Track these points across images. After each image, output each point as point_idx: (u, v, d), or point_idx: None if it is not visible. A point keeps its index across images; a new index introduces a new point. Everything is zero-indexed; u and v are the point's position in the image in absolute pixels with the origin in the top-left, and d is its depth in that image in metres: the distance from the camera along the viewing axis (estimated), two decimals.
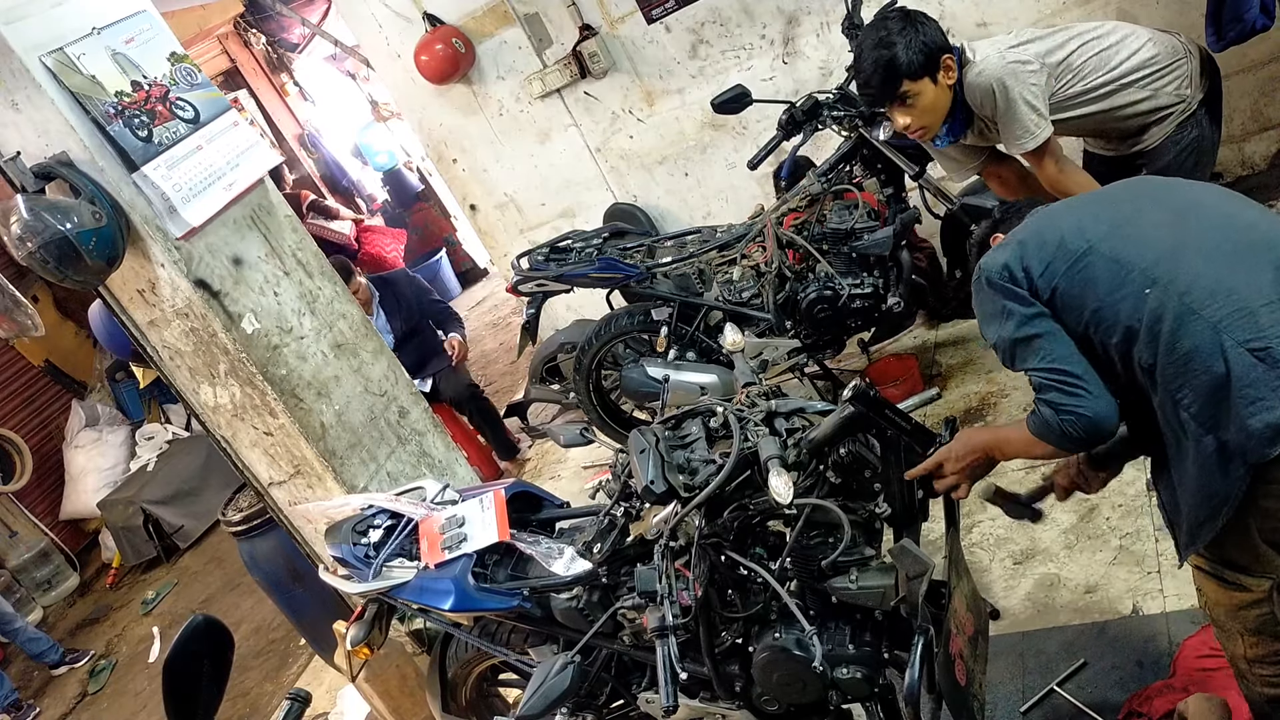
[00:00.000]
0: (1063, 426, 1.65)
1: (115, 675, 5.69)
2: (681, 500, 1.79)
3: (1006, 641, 2.61)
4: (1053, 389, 1.65)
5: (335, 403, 3.11)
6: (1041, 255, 1.70)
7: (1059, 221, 1.76)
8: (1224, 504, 1.57)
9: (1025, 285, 1.70)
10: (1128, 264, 1.63)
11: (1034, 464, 3.12)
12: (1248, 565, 1.66)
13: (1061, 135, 2.80)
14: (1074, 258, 1.67)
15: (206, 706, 1.87)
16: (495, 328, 7.65)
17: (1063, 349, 1.66)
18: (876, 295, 3.54)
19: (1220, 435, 1.54)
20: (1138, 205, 1.77)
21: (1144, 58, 2.66)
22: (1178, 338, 1.55)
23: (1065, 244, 1.69)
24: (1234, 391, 1.51)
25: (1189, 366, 1.55)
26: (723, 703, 2.12)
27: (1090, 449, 1.73)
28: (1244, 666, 1.82)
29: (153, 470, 7.05)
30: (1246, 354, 1.51)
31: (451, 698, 2.68)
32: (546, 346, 4.77)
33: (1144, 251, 1.63)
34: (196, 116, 2.84)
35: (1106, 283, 1.63)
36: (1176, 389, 1.57)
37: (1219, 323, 1.53)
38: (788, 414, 1.93)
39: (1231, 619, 1.76)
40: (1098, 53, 2.68)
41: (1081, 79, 2.68)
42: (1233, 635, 1.79)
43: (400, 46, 5.03)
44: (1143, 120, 2.72)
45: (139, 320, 2.91)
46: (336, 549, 2.46)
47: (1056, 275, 1.67)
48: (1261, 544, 1.61)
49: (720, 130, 4.72)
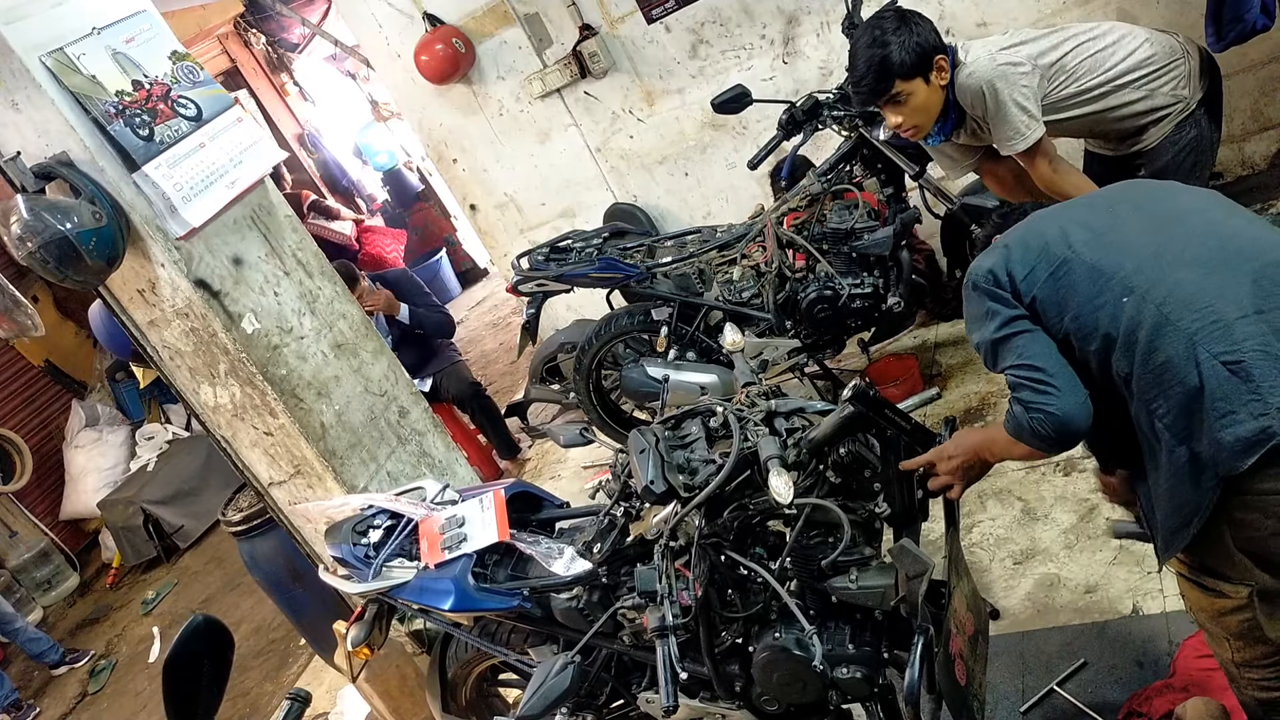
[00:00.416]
0: (1032, 424, 1.65)
1: (115, 675, 5.69)
2: (681, 500, 1.79)
3: (1006, 641, 2.61)
4: (1025, 387, 1.65)
5: (335, 403, 3.11)
6: (1025, 260, 1.71)
7: (1045, 227, 1.78)
8: (1194, 514, 1.57)
9: (1009, 289, 1.71)
10: (1107, 272, 1.63)
11: (1034, 464, 3.12)
12: (1225, 573, 1.65)
13: (1059, 136, 2.80)
14: (1055, 264, 1.68)
15: (206, 706, 1.87)
16: (495, 328, 7.65)
17: (1038, 348, 1.66)
18: (876, 295, 3.54)
19: (1193, 446, 1.54)
20: (1122, 212, 1.77)
21: (1140, 58, 2.66)
22: (1154, 348, 1.55)
23: (1048, 250, 1.70)
24: (1207, 404, 1.51)
25: (1164, 377, 1.55)
26: (723, 703, 2.12)
27: (1063, 449, 1.72)
28: (1234, 671, 1.81)
29: (153, 470, 7.05)
30: (1220, 366, 1.50)
31: (451, 698, 2.68)
32: (546, 346, 4.77)
33: (1124, 260, 1.64)
34: (199, 114, 2.83)
35: (1085, 290, 1.64)
36: (1151, 399, 1.57)
37: (1194, 334, 1.53)
38: (788, 414, 1.93)
39: (1215, 624, 1.76)
40: (1093, 54, 2.68)
41: (1076, 80, 2.68)
42: (1219, 640, 1.78)
43: (400, 46, 5.03)
44: (1140, 121, 2.72)
45: (139, 320, 2.91)
46: (336, 549, 2.46)
47: (1037, 282, 1.69)
48: (1237, 552, 1.60)
49: (720, 130, 4.72)
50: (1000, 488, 3.17)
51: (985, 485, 3.22)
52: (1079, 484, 3.01)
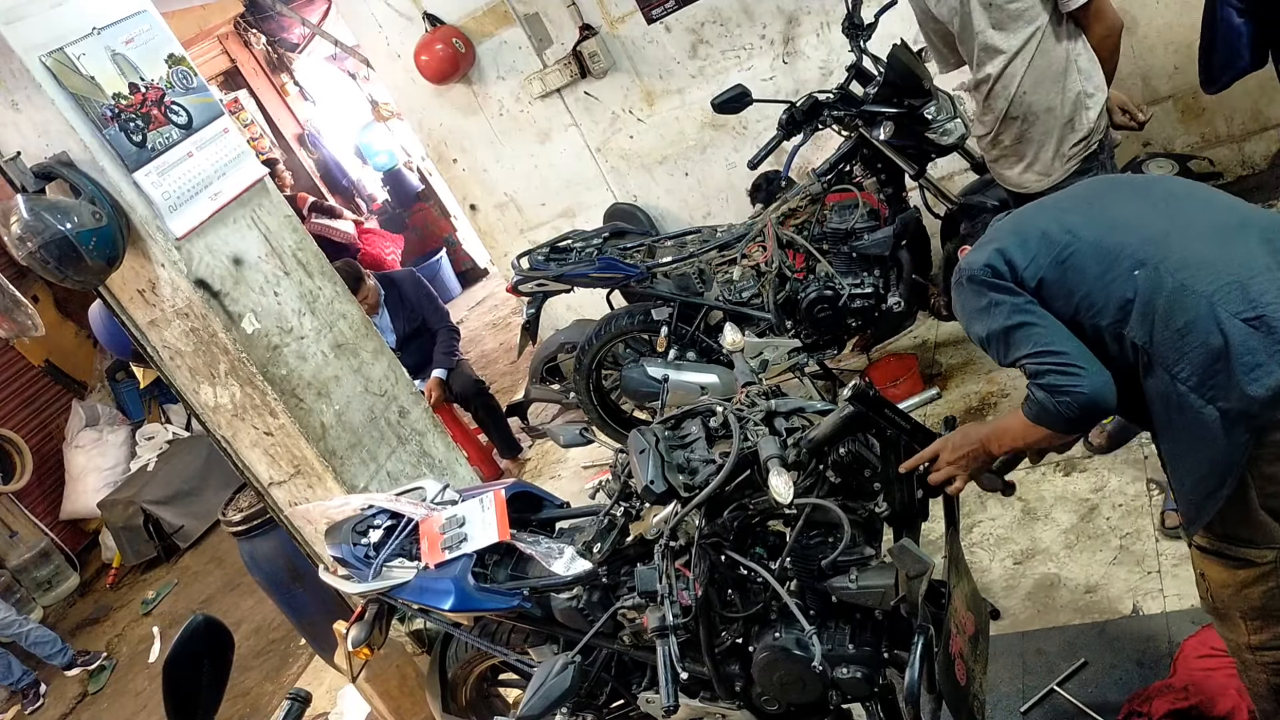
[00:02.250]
0: (1059, 408, 1.65)
1: (115, 675, 5.69)
2: (681, 500, 1.79)
3: (1006, 641, 2.61)
4: (1049, 372, 1.66)
5: (335, 403, 3.11)
6: (1024, 250, 1.72)
7: (1034, 220, 1.80)
8: (1228, 471, 1.59)
9: (1010, 278, 1.72)
10: (1115, 249, 1.66)
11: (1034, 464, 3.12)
12: (1250, 537, 1.67)
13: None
14: (1059, 248, 1.70)
15: (206, 706, 1.86)
16: (495, 328, 7.65)
17: (1054, 333, 1.67)
18: (876, 295, 3.54)
19: (1220, 405, 1.56)
20: (1112, 199, 1.81)
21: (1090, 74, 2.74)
22: (1172, 313, 1.58)
23: (1048, 236, 1.72)
24: (1234, 360, 1.54)
25: (1185, 340, 1.57)
26: (723, 703, 2.12)
27: (1086, 429, 1.74)
28: (1248, 656, 1.82)
29: (153, 470, 7.05)
30: (1241, 324, 1.54)
31: (451, 698, 2.68)
32: (546, 346, 4.77)
33: (1129, 237, 1.67)
34: (189, 122, 2.83)
35: (1094, 268, 1.66)
36: (1173, 363, 1.59)
37: (1211, 296, 1.56)
38: (787, 414, 1.93)
39: (1235, 601, 1.76)
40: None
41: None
42: (1235, 622, 1.79)
43: (400, 46, 5.03)
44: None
45: (139, 320, 2.91)
46: (336, 549, 2.46)
47: (1042, 267, 1.70)
48: (1262, 512, 1.63)
49: (720, 130, 4.72)
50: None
51: None
52: (1079, 484, 3.01)
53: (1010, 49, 2.73)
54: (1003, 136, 2.88)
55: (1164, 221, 1.69)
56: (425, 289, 4.99)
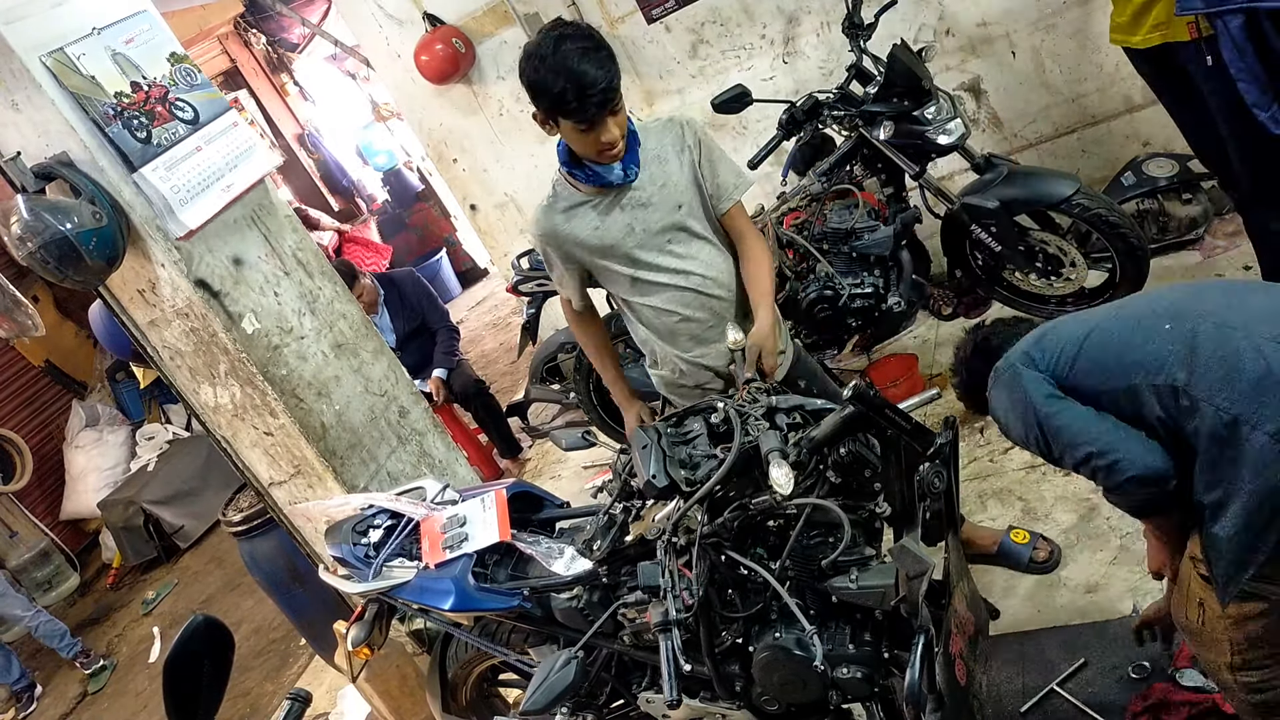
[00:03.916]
0: (1127, 501, 1.71)
1: (115, 675, 5.69)
2: (684, 495, 1.80)
3: (1006, 641, 2.61)
4: (1096, 474, 1.70)
5: (335, 403, 3.11)
6: (1049, 350, 1.78)
7: (1055, 330, 1.84)
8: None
9: (1040, 369, 1.77)
10: (1143, 320, 1.71)
11: (1034, 464, 3.12)
12: (1271, 573, 1.63)
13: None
14: (1081, 338, 1.75)
15: (206, 706, 1.86)
16: (495, 328, 7.66)
17: (1080, 422, 1.70)
18: (876, 295, 3.54)
19: (1267, 429, 1.55)
20: (1129, 303, 1.86)
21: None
22: (1215, 346, 1.60)
23: (1070, 335, 1.78)
24: (1277, 382, 1.54)
25: (1228, 371, 1.58)
26: (723, 703, 2.12)
27: (1168, 486, 1.70)
28: (1227, 677, 1.79)
29: (153, 470, 7.05)
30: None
31: (451, 698, 2.68)
32: (546, 346, 4.77)
33: (1155, 307, 1.73)
34: (196, 117, 2.83)
35: (1125, 337, 1.71)
36: (1216, 393, 1.58)
37: (1247, 325, 1.60)
38: (789, 410, 1.94)
39: (1230, 630, 1.73)
40: None
41: None
42: (1220, 645, 1.76)
43: (400, 46, 5.03)
44: None
45: (139, 320, 2.91)
46: (336, 549, 2.46)
47: (1067, 358, 1.75)
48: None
49: (720, 130, 4.72)
50: (1000, 488, 3.17)
51: (985, 485, 3.22)
52: (1079, 484, 3.01)
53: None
54: None
55: (1189, 298, 1.74)
56: (425, 289, 5.00)
